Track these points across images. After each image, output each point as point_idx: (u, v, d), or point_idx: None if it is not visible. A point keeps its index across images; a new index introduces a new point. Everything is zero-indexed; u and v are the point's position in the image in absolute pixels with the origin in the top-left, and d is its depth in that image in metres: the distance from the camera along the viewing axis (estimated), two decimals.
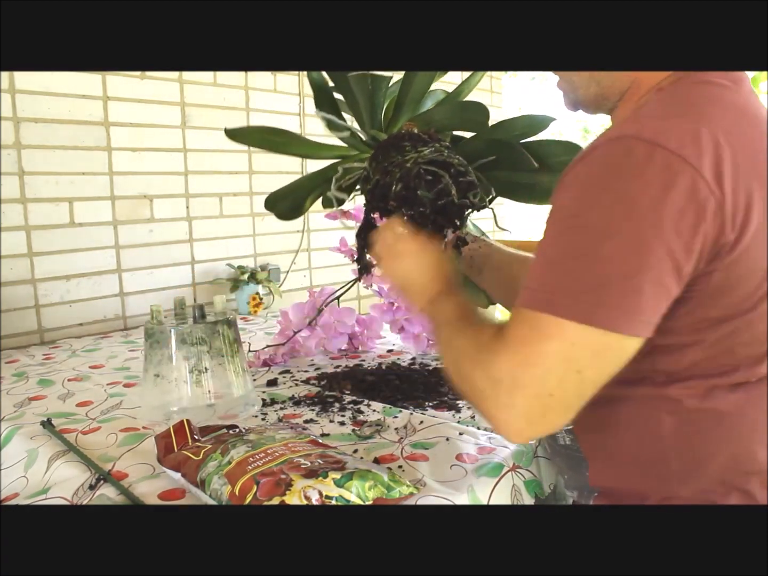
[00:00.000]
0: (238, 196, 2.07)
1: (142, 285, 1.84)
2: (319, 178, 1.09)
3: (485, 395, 0.59)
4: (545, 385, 0.56)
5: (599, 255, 0.56)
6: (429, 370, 1.21)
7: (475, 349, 0.62)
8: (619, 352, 0.58)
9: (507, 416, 0.57)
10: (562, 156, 0.98)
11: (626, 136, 0.58)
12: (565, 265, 0.58)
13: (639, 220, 0.55)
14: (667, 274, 0.56)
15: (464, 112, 0.97)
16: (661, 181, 0.55)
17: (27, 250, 1.61)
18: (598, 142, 0.60)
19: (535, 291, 0.59)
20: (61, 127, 1.65)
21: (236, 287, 1.97)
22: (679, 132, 0.57)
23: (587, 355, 0.56)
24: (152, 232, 1.85)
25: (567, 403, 0.58)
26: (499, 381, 0.58)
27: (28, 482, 0.81)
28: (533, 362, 0.56)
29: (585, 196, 0.59)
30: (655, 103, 0.62)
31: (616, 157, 0.58)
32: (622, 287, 0.55)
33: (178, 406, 0.98)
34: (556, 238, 0.60)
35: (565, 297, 0.57)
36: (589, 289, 0.56)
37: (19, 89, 1.57)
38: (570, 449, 0.73)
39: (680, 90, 0.63)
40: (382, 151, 0.93)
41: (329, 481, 0.64)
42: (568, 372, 0.56)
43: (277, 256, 2.20)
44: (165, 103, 1.86)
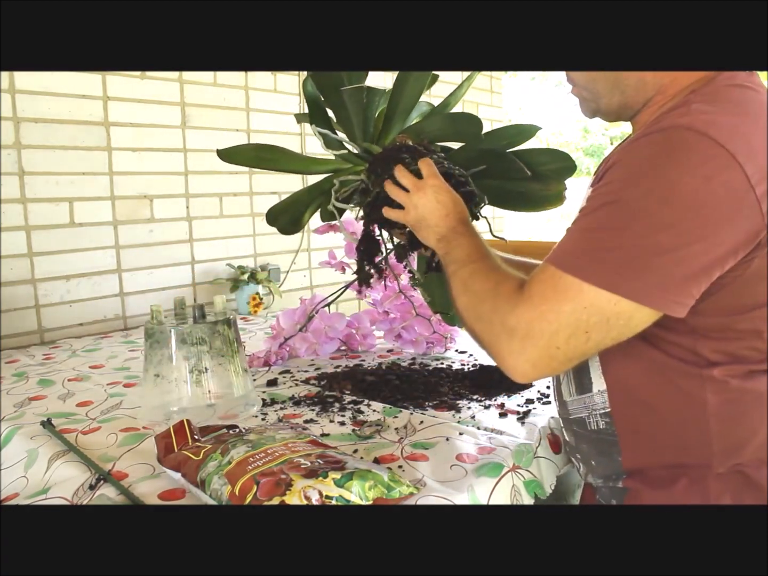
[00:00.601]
0: (238, 196, 2.07)
1: (142, 285, 1.84)
2: (315, 191, 1.10)
3: (499, 339, 0.66)
4: (555, 339, 0.62)
5: (631, 230, 0.60)
6: (429, 370, 1.21)
7: (494, 296, 0.68)
8: (628, 321, 0.62)
9: (515, 360, 0.64)
10: (551, 164, 1.00)
11: (678, 126, 0.60)
12: (596, 233, 0.62)
13: (675, 204, 0.58)
14: (694, 258, 0.59)
15: (457, 124, 0.98)
16: (705, 171, 0.58)
17: (27, 250, 1.61)
18: (649, 130, 0.63)
19: (564, 252, 0.64)
20: (61, 127, 1.65)
21: (236, 287, 1.97)
22: (729, 127, 0.60)
23: (597, 320, 0.61)
24: (152, 232, 1.85)
25: (570, 356, 0.64)
26: (514, 330, 0.64)
27: (28, 482, 0.81)
28: (549, 318, 0.62)
29: (628, 177, 0.62)
30: (701, 100, 0.64)
31: (665, 144, 0.60)
32: (644, 262, 0.59)
33: (178, 406, 0.98)
34: (595, 210, 0.64)
35: (589, 261, 0.61)
36: (613, 259, 0.60)
37: (19, 89, 1.57)
38: (603, 433, 0.74)
39: (720, 91, 0.65)
40: (381, 164, 0.94)
41: (329, 481, 0.64)
42: (577, 332, 0.62)
43: (277, 256, 2.20)
44: (165, 103, 1.86)
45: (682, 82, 0.68)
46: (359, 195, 0.99)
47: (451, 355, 1.34)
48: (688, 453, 0.69)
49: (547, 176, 0.99)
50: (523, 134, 1.04)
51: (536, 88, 7.37)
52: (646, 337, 0.67)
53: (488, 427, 0.92)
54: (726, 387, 0.66)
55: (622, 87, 0.72)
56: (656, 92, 0.70)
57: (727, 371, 0.66)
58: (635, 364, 0.70)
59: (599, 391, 0.73)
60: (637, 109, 0.73)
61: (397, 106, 0.98)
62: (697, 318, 0.64)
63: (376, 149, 0.99)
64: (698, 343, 0.66)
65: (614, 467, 0.74)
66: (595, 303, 0.61)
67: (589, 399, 0.75)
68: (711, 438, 0.67)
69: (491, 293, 0.69)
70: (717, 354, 0.66)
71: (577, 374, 0.76)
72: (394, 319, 1.35)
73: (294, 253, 2.25)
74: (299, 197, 1.11)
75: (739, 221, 0.59)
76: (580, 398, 0.76)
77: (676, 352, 0.67)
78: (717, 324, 0.65)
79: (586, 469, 0.80)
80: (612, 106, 0.74)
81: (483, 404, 1.02)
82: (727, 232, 0.59)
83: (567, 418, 0.80)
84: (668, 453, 0.70)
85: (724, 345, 0.66)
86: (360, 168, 1.03)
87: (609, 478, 0.76)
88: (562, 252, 0.64)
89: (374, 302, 1.36)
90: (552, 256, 0.65)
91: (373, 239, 1.02)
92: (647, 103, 0.72)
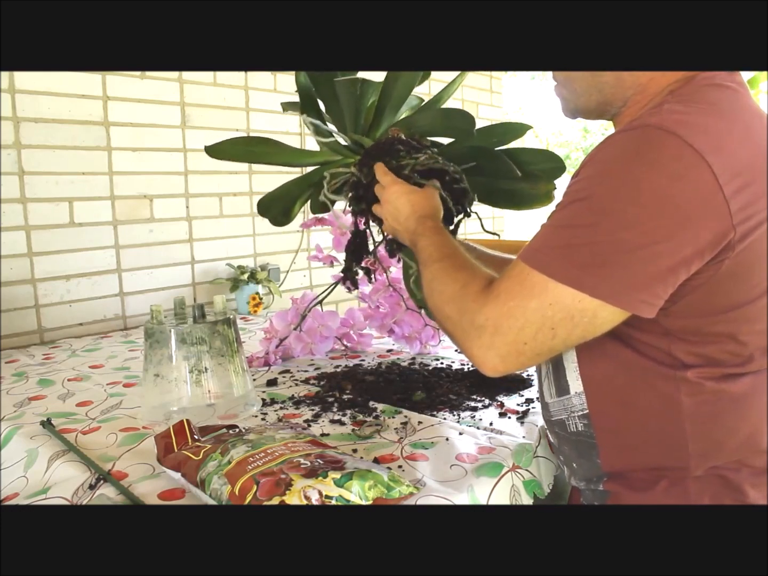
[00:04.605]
0: (238, 196, 2.07)
1: (142, 285, 1.84)
2: (304, 183, 1.09)
3: (468, 336, 0.66)
4: (522, 335, 0.63)
5: (597, 228, 0.60)
6: (429, 369, 1.22)
7: (461, 296, 0.69)
8: (593, 319, 0.62)
9: (485, 355, 0.65)
10: (541, 164, 0.99)
11: (648, 125, 0.60)
12: (565, 230, 0.62)
13: (641, 203, 0.58)
14: (659, 257, 0.58)
15: (450, 119, 0.98)
16: (672, 170, 0.58)
17: (27, 250, 1.61)
18: (621, 129, 0.63)
19: (533, 248, 0.64)
20: (61, 127, 1.65)
21: (236, 287, 1.97)
22: (699, 126, 0.59)
23: (562, 317, 0.61)
24: (152, 232, 1.85)
25: (538, 352, 0.64)
26: (483, 327, 0.64)
27: (28, 482, 0.81)
28: (515, 314, 0.63)
29: (598, 174, 0.62)
30: (675, 100, 0.64)
31: (633, 142, 0.60)
32: (609, 259, 0.59)
33: (178, 406, 0.98)
34: (565, 206, 0.64)
35: (555, 258, 0.61)
36: (578, 256, 0.60)
37: (19, 89, 1.57)
38: (582, 435, 0.73)
39: (697, 91, 0.64)
40: (374, 157, 0.93)
41: (329, 480, 0.64)
42: (543, 328, 0.62)
43: (277, 256, 2.20)
44: (165, 103, 1.86)
45: (661, 81, 0.68)
46: (349, 187, 0.98)
47: (451, 355, 1.34)
48: (666, 455, 0.69)
49: (537, 176, 0.99)
50: (514, 132, 1.04)
51: (536, 88, 7.37)
52: (621, 339, 0.67)
53: (488, 427, 0.92)
54: (701, 389, 0.66)
55: (600, 86, 0.71)
56: (635, 92, 0.70)
57: (702, 373, 0.66)
58: (611, 366, 0.69)
59: (576, 393, 0.73)
60: (617, 107, 0.73)
61: (388, 99, 0.97)
62: (671, 320, 0.64)
63: (367, 141, 0.99)
64: (672, 345, 0.66)
65: (594, 469, 0.74)
66: (559, 300, 0.61)
67: (567, 401, 0.74)
68: (687, 440, 0.67)
69: (458, 294, 0.69)
70: (691, 356, 0.66)
71: (556, 376, 0.76)
72: (386, 314, 1.34)
73: (294, 253, 2.25)
74: (289, 188, 1.10)
75: (705, 221, 0.58)
76: (560, 400, 0.76)
77: (651, 353, 0.67)
78: (690, 326, 0.65)
79: (569, 471, 0.80)
80: (590, 105, 0.74)
81: (483, 404, 1.02)
82: (693, 232, 0.58)
83: (549, 419, 0.80)
84: (646, 455, 0.70)
85: (699, 348, 0.66)
86: (350, 160, 1.02)
87: (590, 480, 0.75)
88: (532, 248, 0.64)
89: (362, 296, 1.36)
90: (522, 252, 0.65)
91: (363, 237, 1.02)
92: (627, 102, 0.71)
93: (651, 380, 0.67)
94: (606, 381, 0.70)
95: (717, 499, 0.67)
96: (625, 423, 0.70)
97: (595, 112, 0.75)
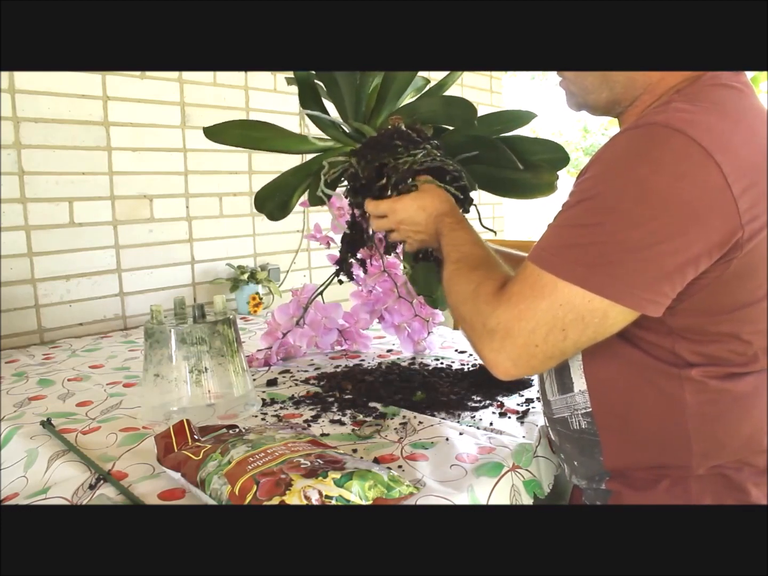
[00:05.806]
0: (238, 196, 2.07)
1: (142, 285, 1.83)
2: (302, 172, 1.06)
3: (481, 339, 0.66)
4: (533, 337, 0.63)
5: (604, 227, 0.60)
6: (429, 369, 1.21)
7: (474, 297, 0.69)
8: (603, 319, 0.61)
9: (497, 358, 0.65)
10: (543, 154, 0.98)
11: (654, 123, 0.60)
12: (572, 230, 0.63)
13: (647, 202, 0.58)
14: (666, 257, 0.58)
15: (451, 107, 0.96)
16: (679, 169, 0.58)
17: (27, 250, 1.61)
18: (627, 127, 0.63)
19: (541, 249, 0.64)
20: (61, 127, 1.64)
21: (236, 287, 1.97)
22: (706, 125, 0.59)
23: (573, 317, 0.61)
24: (152, 232, 1.85)
25: (549, 354, 0.64)
26: (494, 330, 0.65)
27: (28, 482, 0.81)
28: (526, 317, 0.63)
29: (604, 173, 0.62)
30: (682, 99, 0.64)
31: (639, 141, 0.60)
32: (616, 259, 0.59)
33: (178, 406, 0.98)
34: (572, 206, 0.64)
35: (563, 258, 0.61)
36: (586, 256, 0.60)
37: (19, 89, 1.57)
38: (585, 433, 0.73)
39: (703, 91, 0.64)
40: (371, 149, 0.92)
41: (329, 480, 0.64)
42: (554, 329, 0.62)
43: (277, 256, 2.20)
44: (165, 103, 1.86)
45: (670, 81, 0.68)
46: (349, 179, 0.97)
47: (451, 355, 1.34)
48: (668, 454, 0.69)
49: (539, 166, 0.98)
50: (517, 120, 1.02)
51: (536, 88, 7.36)
52: (625, 337, 0.67)
53: (488, 427, 0.92)
54: (704, 388, 0.66)
55: (611, 84, 0.71)
56: (644, 91, 0.70)
57: (706, 372, 0.66)
58: (615, 364, 0.70)
59: (580, 391, 0.73)
60: (624, 105, 0.73)
61: (390, 86, 0.96)
62: (676, 319, 0.64)
63: (368, 129, 0.97)
64: (677, 343, 0.66)
65: (596, 468, 0.74)
66: (569, 300, 0.61)
67: (570, 399, 0.75)
68: (690, 439, 0.67)
69: (472, 296, 0.69)
70: (695, 355, 0.66)
71: (559, 374, 0.76)
72: (378, 299, 1.32)
73: (294, 252, 2.25)
74: (285, 179, 1.08)
75: (714, 220, 0.58)
76: (563, 398, 0.76)
77: (655, 351, 0.67)
78: (695, 325, 0.65)
79: (570, 469, 0.80)
80: (599, 102, 0.74)
81: (483, 404, 1.02)
82: (701, 231, 0.58)
83: (551, 417, 0.80)
84: (649, 453, 0.70)
85: (703, 347, 0.66)
86: (350, 148, 1.01)
87: (592, 479, 0.75)
88: (540, 249, 0.64)
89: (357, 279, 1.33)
90: (531, 253, 0.65)
91: (358, 229, 1.01)
92: (635, 101, 0.72)
93: (655, 379, 0.67)
94: (610, 379, 0.71)
95: (719, 499, 0.67)
96: (628, 421, 0.70)
97: (603, 108, 0.75)
